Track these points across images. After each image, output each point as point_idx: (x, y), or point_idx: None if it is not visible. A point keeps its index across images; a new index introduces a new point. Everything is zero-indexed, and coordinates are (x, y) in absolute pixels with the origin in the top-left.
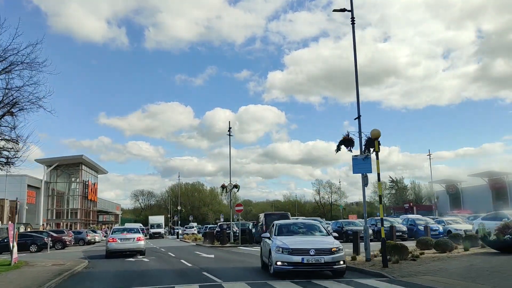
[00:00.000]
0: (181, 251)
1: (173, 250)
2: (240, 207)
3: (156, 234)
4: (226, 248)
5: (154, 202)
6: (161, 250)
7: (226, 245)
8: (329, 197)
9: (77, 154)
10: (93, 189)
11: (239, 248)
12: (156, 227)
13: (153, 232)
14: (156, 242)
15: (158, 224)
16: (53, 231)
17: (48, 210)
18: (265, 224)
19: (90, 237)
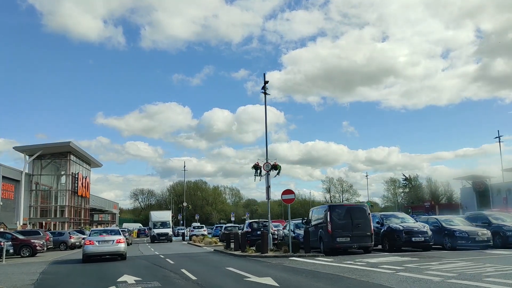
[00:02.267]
0: (204, 267)
1: (189, 264)
2: (290, 196)
3: (162, 236)
4: (273, 259)
5: (155, 201)
6: (167, 262)
7: (268, 254)
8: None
9: (64, 141)
10: (85, 183)
11: (297, 261)
12: (161, 226)
13: (158, 233)
14: (158, 247)
15: (164, 223)
16: (24, 231)
17: (31, 207)
18: (331, 222)
19: (74, 240)
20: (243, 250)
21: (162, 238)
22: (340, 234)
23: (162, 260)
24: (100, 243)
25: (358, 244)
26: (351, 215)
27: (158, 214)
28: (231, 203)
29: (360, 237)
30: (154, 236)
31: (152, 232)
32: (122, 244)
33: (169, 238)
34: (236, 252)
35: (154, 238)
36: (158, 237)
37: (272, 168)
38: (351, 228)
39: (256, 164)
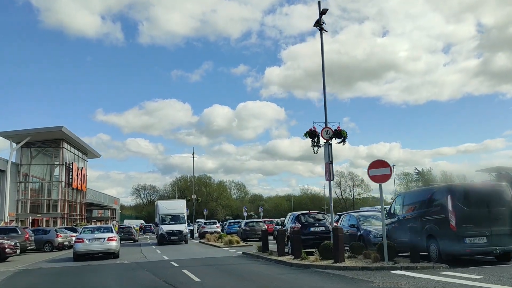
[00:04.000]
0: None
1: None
2: (383, 170)
3: (174, 236)
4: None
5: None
6: (186, 276)
7: (346, 263)
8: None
9: (55, 126)
10: (80, 174)
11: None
12: (172, 221)
13: (168, 231)
14: (166, 248)
15: (176, 216)
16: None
17: (18, 201)
18: (454, 211)
19: (62, 239)
20: (298, 255)
21: (174, 239)
22: (471, 232)
23: (177, 272)
24: (90, 241)
25: (502, 248)
26: (485, 200)
27: (168, 205)
28: (236, 198)
29: (503, 236)
30: (162, 236)
31: (159, 229)
32: (114, 242)
33: (183, 239)
34: (287, 259)
35: (163, 239)
36: (168, 237)
37: (334, 136)
38: (489, 221)
39: (312, 129)
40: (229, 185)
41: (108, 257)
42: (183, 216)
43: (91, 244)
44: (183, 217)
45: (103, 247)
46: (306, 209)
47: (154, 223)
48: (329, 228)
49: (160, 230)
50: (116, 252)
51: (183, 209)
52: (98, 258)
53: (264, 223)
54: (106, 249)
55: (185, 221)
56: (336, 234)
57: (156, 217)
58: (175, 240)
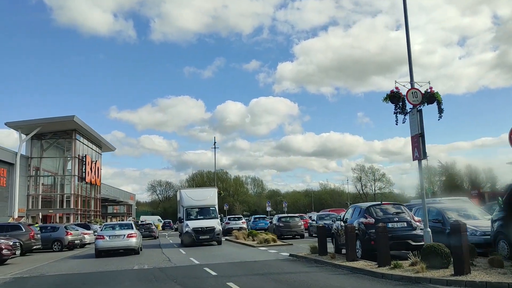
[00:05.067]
0: None
1: None
2: None
3: (204, 235)
4: None
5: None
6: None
7: (478, 277)
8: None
9: (67, 116)
10: (94, 168)
11: None
12: (200, 216)
13: (196, 228)
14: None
15: (205, 209)
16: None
17: (29, 196)
18: None
19: (73, 237)
20: (385, 262)
21: (204, 239)
22: None
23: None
24: (110, 238)
25: None
26: None
27: (195, 194)
28: (254, 194)
29: None
30: (188, 235)
31: (184, 226)
32: (134, 239)
33: (216, 238)
34: (366, 266)
35: (189, 239)
36: (196, 237)
37: (424, 100)
38: None
39: (395, 91)
40: (245, 181)
41: (129, 253)
42: (214, 209)
43: (111, 240)
44: (214, 209)
45: (123, 244)
46: (327, 204)
47: (179, 218)
48: (413, 224)
49: (185, 227)
50: (136, 249)
51: (214, 200)
52: (118, 255)
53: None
54: (126, 245)
55: (217, 215)
56: (458, 232)
57: (179, 210)
58: (205, 241)
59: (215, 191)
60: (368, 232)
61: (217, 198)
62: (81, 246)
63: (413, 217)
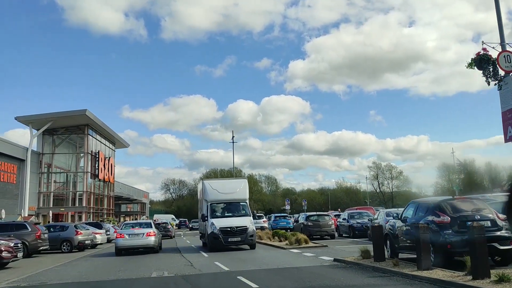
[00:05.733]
0: None
1: None
2: None
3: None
4: None
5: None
6: None
7: None
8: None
9: (79, 109)
10: (108, 165)
11: None
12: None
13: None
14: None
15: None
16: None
17: (40, 193)
18: None
19: (83, 237)
20: (484, 272)
21: (234, 241)
22: None
23: None
24: (130, 237)
25: None
26: None
27: (222, 186)
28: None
29: None
30: (214, 237)
31: (208, 226)
32: (152, 237)
33: (249, 241)
34: (454, 278)
35: (216, 242)
36: (224, 239)
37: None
38: None
39: (482, 52)
40: (259, 179)
41: (148, 252)
42: (245, 204)
43: (131, 239)
44: (245, 205)
45: (143, 242)
46: (343, 203)
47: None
48: (498, 223)
49: (211, 227)
50: (155, 247)
51: (245, 193)
52: (138, 253)
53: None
54: (145, 244)
55: (249, 211)
56: None
57: (201, 206)
58: (235, 244)
59: (245, 183)
60: (443, 233)
61: (248, 191)
62: (92, 247)
63: (497, 214)
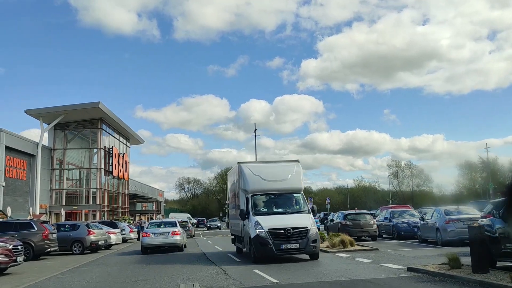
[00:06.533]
0: None
1: None
2: None
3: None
4: None
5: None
6: None
7: None
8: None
9: (92, 102)
10: (122, 161)
11: None
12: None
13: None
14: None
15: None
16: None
17: (52, 191)
18: None
19: (96, 237)
20: None
21: (290, 249)
22: None
23: None
24: (156, 235)
25: None
26: None
27: (267, 171)
28: None
29: None
30: (261, 242)
31: (251, 226)
32: (178, 236)
33: (311, 249)
34: None
35: (263, 250)
36: (276, 245)
37: None
38: None
39: None
40: None
41: (173, 250)
42: (300, 196)
43: (156, 238)
44: (300, 197)
45: (168, 241)
46: (360, 203)
47: (240, 209)
48: None
49: (255, 227)
50: (180, 246)
51: (299, 180)
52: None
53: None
54: (171, 242)
55: (306, 206)
56: None
57: (235, 200)
58: (292, 252)
59: (299, 167)
60: None
61: (302, 178)
62: (106, 248)
63: None
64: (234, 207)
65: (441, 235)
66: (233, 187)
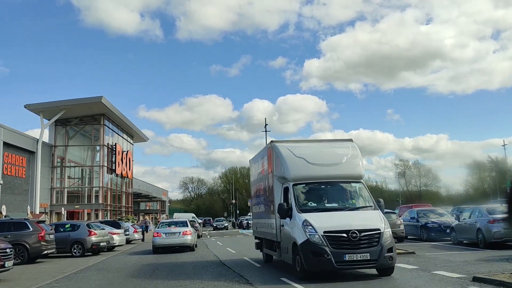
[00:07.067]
0: None
1: None
2: None
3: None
4: None
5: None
6: None
7: None
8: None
9: (94, 96)
10: (126, 159)
11: None
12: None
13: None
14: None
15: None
16: None
17: (53, 189)
18: None
19: (97, 238)
20: None
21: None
22: None
23: None
24: (167, 235)
25: None
26: None
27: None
28: None
29: None
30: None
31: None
32: (189, 236)
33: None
34: None
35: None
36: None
37: None
38: None
39: None
40: None
41: (184, 250)
42: (361, 186)
43: (167, 238)
44: (362, 187)
45: (179, 241)
46: None
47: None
48: None
49: (303, 229)
50: (191, 245)
51: (358, 165)
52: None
53: None
54: (182, 242)
55: (371, 199)
56: None
57: (268, 193)
58: (358, 265)
59: (355, 148)
60: None
61: (362, 162)
62: (108, 250)
63: None
64: (262, 202)
65: (484, 236)
66: (259, 177)
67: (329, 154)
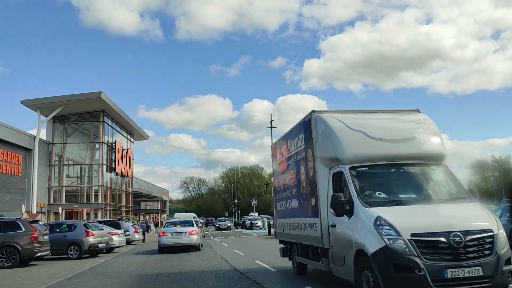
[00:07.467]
0: None
1: None
2: None
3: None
4: None
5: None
6: None
7: None
8: None
9: (93, 92)
10: (126, 157)
11: None
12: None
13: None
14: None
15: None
16: None
17: (51, 188)
18: None
19: (95, 239)
20: None
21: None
22: None
23: None
24: (173, 235)
25: None
26: None
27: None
28: None
29: None
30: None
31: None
32: (195, 236)
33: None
34: None
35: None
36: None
37: None
38: None
39: None
40: None
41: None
42: (446, 170)
43: (173, 237)
44: (447, 171)
45: (185, 241)
46: None
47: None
48: None
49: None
50: (197, 245)
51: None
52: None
53: None
54: (188, 242)
55: (462, 187)
56: None
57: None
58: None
59: (428, 120)
60: None
61: (442, 137)
62: (107, 251)
63: None
64: (294, 196)
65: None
66: (289, 163)
67: (396, 127)
